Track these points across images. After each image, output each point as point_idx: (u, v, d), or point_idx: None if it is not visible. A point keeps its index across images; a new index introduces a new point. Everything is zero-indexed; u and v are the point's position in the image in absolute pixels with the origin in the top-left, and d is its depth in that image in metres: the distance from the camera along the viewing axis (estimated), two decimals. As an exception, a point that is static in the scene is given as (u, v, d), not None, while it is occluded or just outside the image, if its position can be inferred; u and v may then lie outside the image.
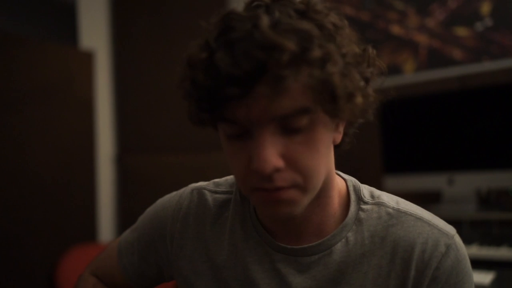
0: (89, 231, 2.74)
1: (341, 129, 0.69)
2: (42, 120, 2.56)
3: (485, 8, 2.25)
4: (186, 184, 0.88)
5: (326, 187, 0.70)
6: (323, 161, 0.64)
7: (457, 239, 0.70)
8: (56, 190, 2.59)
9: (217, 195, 0.83)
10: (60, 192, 2.61)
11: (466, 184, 2.04)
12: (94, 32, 2.88)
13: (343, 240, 0.71)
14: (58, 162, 2.61)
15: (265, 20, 0.57)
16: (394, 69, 2.47)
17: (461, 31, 2.31)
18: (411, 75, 2.43)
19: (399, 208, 0.72)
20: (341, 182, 0.76)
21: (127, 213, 2.88)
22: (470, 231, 1.85)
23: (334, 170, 0.72)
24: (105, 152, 2.90)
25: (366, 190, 0.76)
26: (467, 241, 1.76)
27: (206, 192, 0.84)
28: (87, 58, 2.77)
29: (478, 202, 2.05)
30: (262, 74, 0.55)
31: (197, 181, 0.88)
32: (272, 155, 0.59)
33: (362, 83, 0.63)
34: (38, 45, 2.56)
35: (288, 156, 0.61)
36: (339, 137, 0.69)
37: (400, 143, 2.24)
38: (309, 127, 0.61)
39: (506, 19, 2.20)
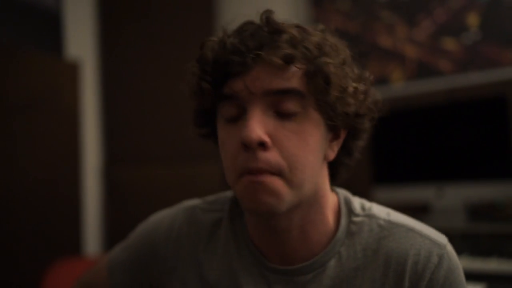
0: (74, 245, 2.70)
1: (335, 147, 0.71)
2: (27, 131, 2.52)
3: (473, 21, 2.26)
4: (174, 196, 0.87)
5: (318, 203, 0.70)
6: (311, 158, 0.65)
7: (449, 248, 0.70)
8: (42, 202, 2.55)
9: (210, 214, 0.82)
10: (45, 204, 2.56)
11: (455, 196, 2.04)
12: (80, 42, 2.86)
13: (336, 255, 0.71)
14: (44, 174, 2.57)
15: (273, 18, 0.67)
16: (382, 80, 2.48)
17: (449, 43, 2.32)
18: (398, 86, 2.44)
19: (390, 220, 0.72)
20: (334, 197, 0.75)
21: (113, 226, 2.84)
22: (459, 242, 1.84)
23: (327, 187, 0.73)
24: (91, 164, 2.87)
25: (357, 202, 0.75)
26: (456, 252, 1.75)
27: (198, 211, 0.83)
28: (73, 68, 2.75)
29: (467, 213, 2.05)
30: (263, 51, 0.63)
31: (185, 193, 0.88)
32: (259, 126, 0.63)
33: (354, 85, 0.68)
34: (23, 55, 2.53)
35: (276, 138, 0.63)
36: (331, 155, 0.71)
37: (389, 154, 2.24)
38: (300, 119, 0.65)
39: (493, 31, 2.21)
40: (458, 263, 0.71)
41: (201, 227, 0.81)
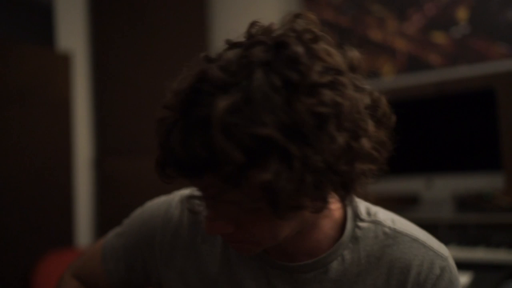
0: (66, 236, 2.70)
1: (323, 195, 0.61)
2: (18, 122, 2.51)
3: (462, 15, 2.29)
4: (165, 188, 0.85)
5: (306, 228, 0.68)
6: (281, 231, 0.62)
7: (451, 261, 0.72)
8: (33, 194, 2.55)
9: None
10: (37, 196, 2.56)
11: (444, 187, 2.07)
12: (72, 33, 2.85)
13: (339, 258, 0.71)
14: (35, 166, 2.56)
15: (219, 110, 0.51)
16: (372, 74, 2.50)
17: (439, 37, 2.35)
18: (389, 79, 2.46)
19: (395, 228, 0.72)
20: (335, 201, 0.72)
21: (105, 218, 2.84)
22: (447, 232, 1.88)
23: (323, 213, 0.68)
24: (83, 155, 2.86)
25: (362, 206, 0.74)
26: (444, 242, 1.78)
27: (197, 201, 0.80)
28: (65, 60, 2.74)
29: (455, 204, 2.08)
30: (206, 171, 0.54)
31: (177, 185, 0.85)
32: (217, 224, 0.61)
33: (323, 192, 0.56)
34: (13, 47, 2.52)
35: (240, 224, 0.61)
36: (322, 206, 0.60)
37: (379, 146, 2.26)
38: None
39: (482, 25, 2.24)
40: (457, 276, 0.72)
41: (200, 218, 0.79)
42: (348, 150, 0.54)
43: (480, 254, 1.68)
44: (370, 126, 0.57)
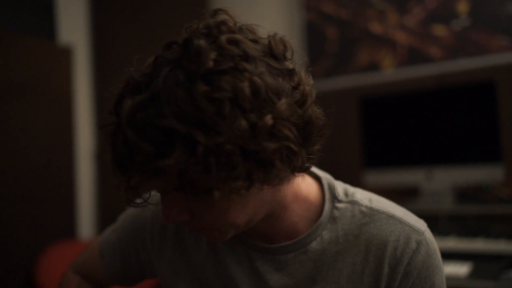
0: (68, 228, 2.72)
1: (267, 176, 0.61)
2: (20, 115, 2.52)
3: (462, 7, 2.30)
4: None
5: (275, 212, 0.70)
6: (234, 217, 0.64)
7: (428, 234, 0.73)
8: (35, 187, 2.56)
9: None
10: (39, 188, 2.58)
11: (444, 179, 2.09)
12: (73, 27, 2.86)
13: (318, 238, 0.73)
14: (37, 159, 2.58)
15: (126, 110, 0.57)
16: (373, 67, 2.51)
17: (439, 30, 2.35)
18: (389, 72, 2.47)
19: (372, 207, 0.74)
20: (309, 185, 0.75)
21: (107, 210, 2.86)
22: (447, 224, 1.90)
23: (289, 192, 0.70)
24: (84, 148, 2.88)
25: (340, 188, 0.77)
26: (444, 233, 1.80)
27: None
28: (66, 53, 2.75)
29: (455, 196, 2.10)
30: (130, 162, 0.58)
31: None
32: (170, 212, 0.63)
33: (235, 173, 0.57)
34: (15, 40, 2.53)
35: (192, 212, 0.64)
36: (268, 183, 0.62)
37: (380, 139, 2.28)
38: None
39: (483, 17, 2.25)
40: (436, 248, 0.73)
41: None
42: (253, 130, 0.56)
43: (479, 244, 1.70)
44: (282, 104, 0.58)
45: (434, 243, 0.73)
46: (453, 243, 1.72)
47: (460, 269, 1.60)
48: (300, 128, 0.60)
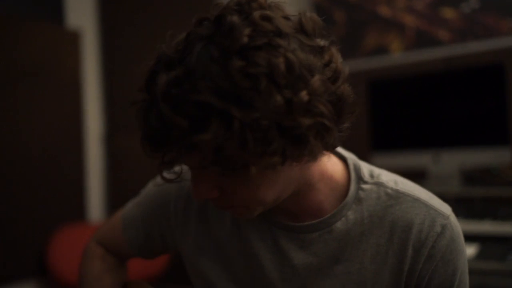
0: (78, 211, 2.76)
1: (300, 152, 0.62)
2: (30, 99, 2.54)
3: (472, -11, 2.28)
4: None
5: (302, 190, 0.71)
6: (263, 193, 0.65)
7: (452, 218, 0.73)
8: (45, 170, 2.59)
9: None
10: (49, 171, 2.61)
11: (451, 162, 2.09)
12: (81, 11, 2.86)
13: (343, 218, 0.73)
14: (47, 142, 2.60)
15: (161, 86, 0.57)
16: (381, 50, 2.51)
17: (448, 12, 2.34)
18: (397, 55, 2.46)
19: (397, 189, 0.74)
20: (335, 164, 0.76)
21: (116, 192, 2.89)
22: (454, 206, 1.90)
23: (316, 171, 0.71)
24: (93, 132, 2.90)
25: (366, 169, 0.77)
26: (451, 216, 1.81)
27: None
28: (74, 37, 2.75)
29: (462, 178, 2.10)
30: (165, 138, 0.58)
31: None
32: (201, 188, 0.64)
33: (272, 147, 0.57)
34: (23, 24, 2.54)
35: (222, 189, 0.64)
36: (300, 159, 0.63)
37: (387, 121, 2.28)
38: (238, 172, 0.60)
39: (492, 0, 2.23)
40: (460, 233, 0.74)
41: None
42: (289, 105, 0.56)
43: (486, 226, 1.71)
44: (316, 81, 0.58)
45: (458, 228, 0.73)
46: (461, 225, 1.73)
47: (467, 251, 1.62)
48: (333, 104, 0.61)
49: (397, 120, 2.25)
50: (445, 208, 0.74)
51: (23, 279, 2.53)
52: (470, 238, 1.70)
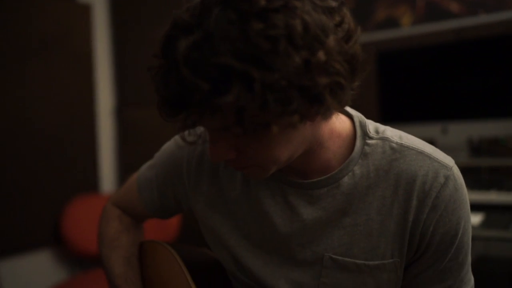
0: (91, 182, 2.81)
1: (312, 110, 0.64)
2: (42, 74, 2.57)
3: (483, -40, 2.26)
4: None
5: (312, 149, 0.74)
6: (279, 153, 0.67)
7: (455, 170, 0.75)
8: (58, 143, 2.63)
9: None
10: (62, 144, 2.65)
11: (459, 133, 2.10)
12: (92, -16, 2.86)
13: (350, 173, 0.75)
14: (59, 116, 2.64)
15: (181, 50, 0.58)
16: (392, 22, 2.50)
17: (459, -16, 2.32)
18: (408, 28, 2.46)
19: (402, 143, 0.76)
20: (343, 122, 0.78)
21: (127, 164, 2.94)
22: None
23: (326, 130, 0.74)
24: (104, 105, 2.93)
25: (371, 125, 0.79)
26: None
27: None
28: (85, 11, 2.77)
29: (470, 150, 2.12)
30: (186, 105, 0.60)
31: None
32: (219, 150, 0.67)
33: (292, 106, 0.59)
34: (36, -4, 2.55)
35: (239, 149, 0.67)
36: (314, 118, 0.66)
37: (396, 93, 2.29)
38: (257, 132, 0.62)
39: (504, -29, 2.21)
40: (463, 183, 0.76)
41: None
42: (307, 66, 0.57)
43: (492, 196, 1.74)
44: (331, 41, 0.60)
45: (461, 179, 0.76)
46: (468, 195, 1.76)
47: (473, 219, 1.65)
48: (347, 63, 0.63)
49: (406, 91, 2.26)
50: (448, 160, 0.76)
51: (39, 248, 2.60)
52: (476, 207, 1.72)
